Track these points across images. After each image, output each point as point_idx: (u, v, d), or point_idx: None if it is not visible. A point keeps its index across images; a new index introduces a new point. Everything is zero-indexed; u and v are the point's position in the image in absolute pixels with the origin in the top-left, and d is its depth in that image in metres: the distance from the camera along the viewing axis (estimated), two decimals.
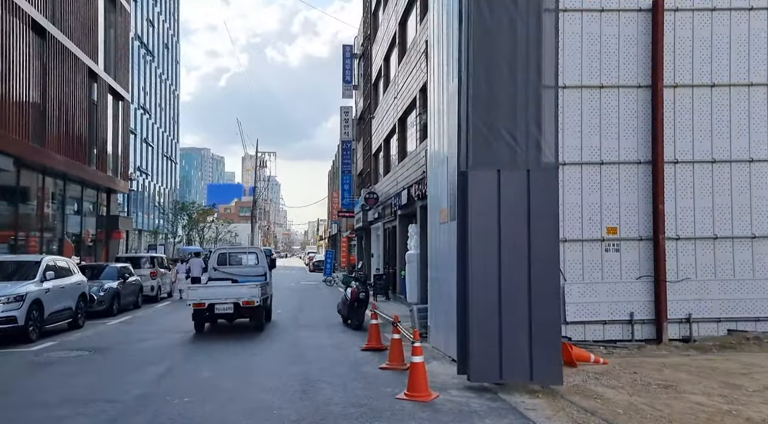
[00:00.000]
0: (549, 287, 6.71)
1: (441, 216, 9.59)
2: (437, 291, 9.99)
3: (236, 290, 12.32)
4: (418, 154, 16.20)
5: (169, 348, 10.31)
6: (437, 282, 9.98)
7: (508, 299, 6.73)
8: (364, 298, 12.83)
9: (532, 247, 6.71)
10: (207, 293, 12.24)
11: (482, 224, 6.83)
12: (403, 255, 18.94)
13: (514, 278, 6.74)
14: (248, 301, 11.87)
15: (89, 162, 22.17)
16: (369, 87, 28.20)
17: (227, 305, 11.92)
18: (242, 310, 12.03)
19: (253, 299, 11.91)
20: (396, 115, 20.03)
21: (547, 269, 6.71)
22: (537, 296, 6.68)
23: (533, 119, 6.83)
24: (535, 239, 6.72)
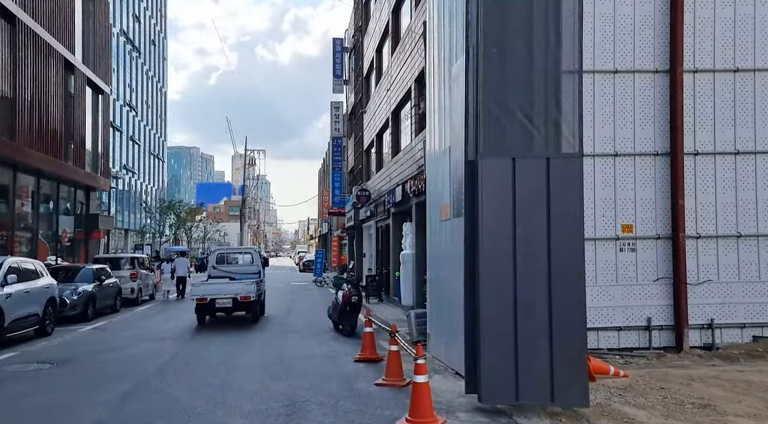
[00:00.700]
0: (573, 292, 5.81)
1: (442, 213, 8.68)
2: (438, 295, 9.08)
3: (234, 287, 13.66)
4: (413, 148, 15.28)
5: (142, 359, 9.31)
6: (438, 284, 9.07)
7: (525, 306, 5.82)
8: (356, 302, 11.90)
9: (552, 246, 5.81)
10: (209, 289, 13.67)
11: (494, 220, 5.91)
12: (397, 255, 18.00)
13: (532, 282, 5.83)
14: (245, 296, 13.32)
15: (66, 158, 21.04)
16: (360, 81, 27.23)
17: (227, 299, 13.36)
18: (240, 304, 13.44)
19: (250, 295, 13.36)
20: (389, 109, 19.09)
21: (570, 270, 5.81)
22: (559, 302, 5.77)
23: (553, 99, 5.92)
24: (556, 236, 5.81)
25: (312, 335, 11.82)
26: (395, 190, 17.00)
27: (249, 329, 12.95)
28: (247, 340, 11.31)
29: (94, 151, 24.50)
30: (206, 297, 13.29)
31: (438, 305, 9.00)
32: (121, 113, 57.96)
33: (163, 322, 14.57)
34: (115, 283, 17.48)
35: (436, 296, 9.12)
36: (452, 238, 8.10)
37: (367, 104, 25.44)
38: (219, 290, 13.57)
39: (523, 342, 5.79)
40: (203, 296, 13.35)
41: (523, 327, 5.80)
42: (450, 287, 8.13)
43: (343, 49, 32.96)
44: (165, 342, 11.08)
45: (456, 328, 7.63)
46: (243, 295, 13.31)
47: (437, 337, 8.99)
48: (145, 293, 20.74)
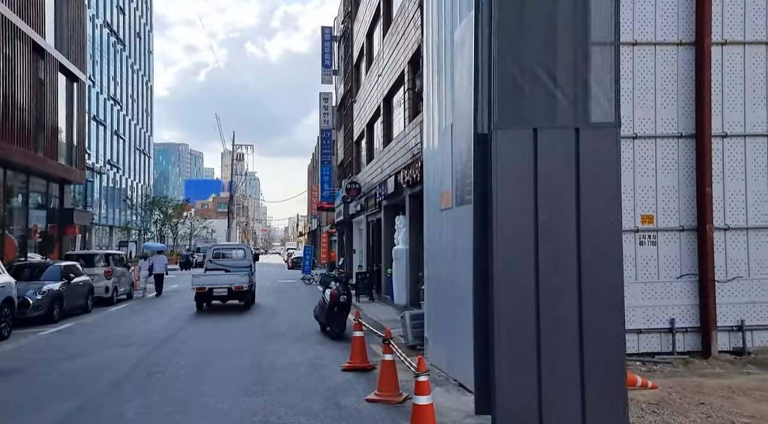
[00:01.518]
0: (608, 293, 4.76)
1: (442, 201, 7.61)
2: (437, 294, 8.01)
3: (229, 278, 15.83)
4: (407, 136, 14.19)
5: (100, 369, 8.17)
6: (437, 283, 8.00)
7: (550, 311, 4.76)
8: (345, 301, 10.81)
9: (583, 237, 4.75)
10: (207, 280, 15.87)
11: (512, 205, 4.84)
12: (390, 251, 16.95)
13: (558, 281, 4.78)
14: (239, 286, 15.46)
15: (36, 148, 19.72)
16: (350, 69, 26.08)
17: (223, 289, 15.49)
18: (234, 293, 15.54)
19: (243, 285, 15.53)
20: (381, 95, 17.98)
21: (604, 267, 4.76)
22: (591, 305, 4.73)
23: (582, 55, 4.85)
24: (587, 225, 4.76)
25: (296, 339, 10.72)
26: (387, 181, 15.91)
27: (226, 332, 11.83)
28: (223, 345, 10.18)
29: (69, 142, 23.16)
30: (205, 287, 15.49)
31: (437, 306, 7.94)
32: (104, 107, 56.35)
33: (135, 324, 13.40)
34: (87, 281, 16.26)
35: (436, 295, 8.06)
36: (455, 229, 7.04)
37: (357, 93, 24.30)
38: (216, 280, 15.79)
39: (548, 354, 4.73)
40: (203, 285, 15.51)
41: (548, 335, 4.74)
42: (452, 286, 7.07)
43: (332, 38, 31.79)
44: (131, 348, 9.93)
45: (460, 333, 6.57)
46: (237, 285, 15.53)
47: (437, 342, 7.92)
48: (122, 292, 19.53)
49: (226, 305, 16.57)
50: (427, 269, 8.76)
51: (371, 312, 14.99)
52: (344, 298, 10.78)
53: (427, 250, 8.63)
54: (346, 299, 10.82)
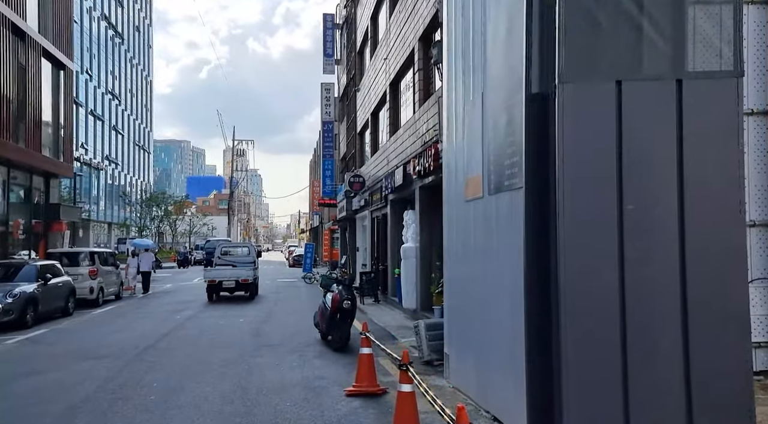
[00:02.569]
0: (726, 309, 3.37)
1: (468, 190, 6.22)
2: (461, 300, 6.63)
3: (236, 272, 17.90)
4: (417, 121, 12.79)
5: (56, 392, 6.81)
6: (461, 287, 6.62)
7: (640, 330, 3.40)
8: (349, 308, 9.43)
9: (687, 226, 3.37)
10: (217, 273, 17.87)
11: (584, 189, 3.47)
12: (397, 249, 15.57)
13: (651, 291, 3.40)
14: (245, 279, 17.58)
15: (16, 139, 18.38)
16: (353, 56, 24.67)
17: (231, 281, 17.59)
18: (240, 285, 17.63)
19: (248, 278, 17.67)
20: (387, 80, 16.58)
21: (720, 272, 3.37)
22: (699, 324, 3.35)
23: None
24: (695, 209, 3.37)
25: (292, 351, 9.34)
26: (394, 173, 14.52)
27: (213, 340, 10.47)
28: (208, 357, 8.81)
29: (55, 134, 21.82)
30: (215, 280, 17.56)
31: (462, 316, 6.56)
32: (103, 101, 55.05)
33: (115, 330, 12.05)
34: (66, 282, 14.91)
35: (459, 302, 6.67)
36: (487, 223, 5.66)
37: (360, 81, 22.89)
38: (224, 274, 17.85)
39: (639, 390, 3.35)
40: (213, 278, 17.60)
41: (638, 364, 3.37)
42: (483, 292, 5.70)
43: (334, 25, 30.35)
44: (103, 362, 8.57)
45: (497, 353, 5.20)
46: (243, 278, 17.61)
47: (462, 360, 6.54)
48: (110, 293, 18.20)
49: (222, 306, 15.27)
50: (446, 271, 7.38)
51: (377, 317, 13.62)
52: (348, 303, 9.40)
53: (447, 248, 7.25)
54: (350, 305, 9.44)
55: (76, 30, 48.40)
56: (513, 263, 5.01)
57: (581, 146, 3.43)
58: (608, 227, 3.39)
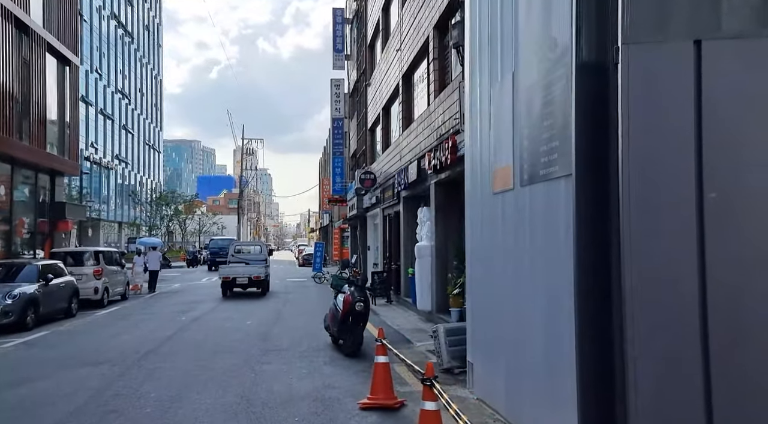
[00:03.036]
0: None
1: (496, 182, 5.58)
2: (487, 303, 6.00)
3: (249, 269, 18.86)
4: (432, 113, 12.17)
5: (41, 406, 6.26)
6: (487, 288, 5.99)
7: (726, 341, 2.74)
8: (362, 310, 8.83)
9: None
10: (231, 271, 18.81)
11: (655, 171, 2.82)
12: (410, 247, 14.96)
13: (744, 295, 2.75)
14: (257, 276, 18.62)
15: (20, 136, 17.97)
16: (364, 51, 24.06)
17: (244, 278, 18.51)
18: (253, 281, 18.63)
19: (260, 275, 18.71)
20: (399, 72, 15.96)
21: None
22: None
23: None
24: None
25: (301, 356, 8.75)
26: (408, 168, 13.90)
27: (217, 344, 9.91)
28: (211, 363, 8.25)
29: (60, 131, 21.42)
30: (230, 276, 18.55)
31: (489, 320, 5.93)
32: (112, 100, 54.88)
33: (117, 332, 11.55)
34: (69, 282, 14.46)
35: (486, 305, 6.04)
36: (519, 217, 5.03)
37: (371, 76, 22.28)
38: (238, 271, 18.80)
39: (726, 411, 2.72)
40: (227, 275, 18.61)
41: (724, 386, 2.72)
42: (516, 293, 5.08)
43: (344, 20, 29.76)
44: (99, 368, 8.03)
45: (532, 365, 4.58)
46: (255, 275, 18.65)
47: (488, 371, 5.91)
48: (115, 293, 17.75)
49: (230, 307, 14.78)
50: (470, 270, 6.75)
51: (390, 318, 13.02)
52: (360, 306, 8.80)
53: (470, 246, 6.62)
54: (363, 308, 8.83)
55: (86, 29, 48.27)
56: (550, 260, 4.40)
57: (650, 121, 2.81)
58: (685, 220, 2.77)
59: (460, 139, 9.79)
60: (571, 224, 3.70)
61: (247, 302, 17.41)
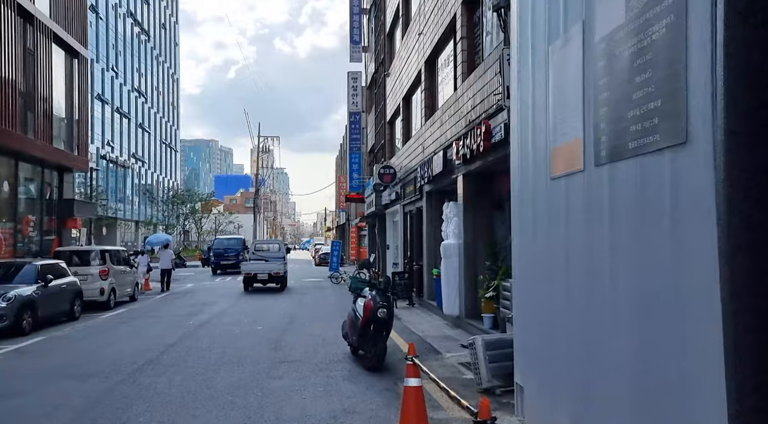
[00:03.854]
0: None
1: (558, 162, 4.44)
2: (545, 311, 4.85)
3: (269, 265, 20.27)
4: (460, 98, 11.05)
5: None
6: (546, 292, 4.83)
7: None
8: (385, 317, 7.76)
9: None
10: (253, 267, 20.28)
11: None
12: (434, 246, 13.89)
13: None
14: (276, 272, 20.03)
15: (25, 129, 17.22)
16: (382, 40, 22.99)
17: (264, 274, 19.93)
18: (273, 277, 20.01)
19: (279, 271, 20.14)
20: (422, 58, 14.86)
21: None
22: None
23: None
24: None
25: (316, 369, 7.71)
26: (432, 160, 12.80)
27: (224, 354, 8.92)
28: (214, 378, 7.25)
29: (69, 126, 20.69)
30: (251, 272, 20.01)
31: (545, 333, 4.80)
32: (129, 99, 54.56)
33: (117, 338, 10.63)
34: (71, 283, 13.62)
35: (543, 315, 4.91)
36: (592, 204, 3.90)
37: (390, 66, 21.20)
38: (259, 267, 20.27)
39: None
40: (249, 271, 20.09)
41: None
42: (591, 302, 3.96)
43: (361, 10, 28.73)
44: (88, 382, 7.08)
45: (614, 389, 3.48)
46: (275, 271, 20.10)
47: (546, 396, 4.78)
48: (123, 294, 16.92)
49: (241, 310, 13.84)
50: (517, 271, 5.62)
51: (413, 323, 11.94)
52: (383, 312, 7.73)
53: (518, 243, 5.48)
54: (386, 314, 7.76)
55: (102, 26, 47.91)
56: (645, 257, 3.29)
57: None
58: None
59: (496, 123, 8.67)
60: (698, 210, 2.61)
61: (259, 303, 16.47)
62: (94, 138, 45.90)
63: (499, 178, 10.29)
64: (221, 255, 30.90)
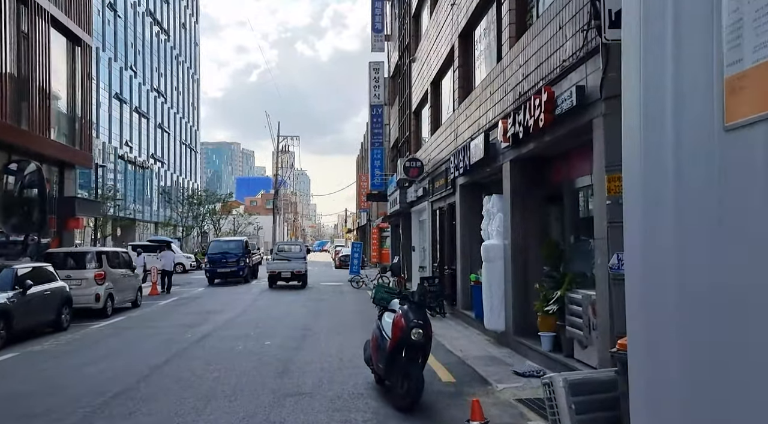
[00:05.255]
0: None
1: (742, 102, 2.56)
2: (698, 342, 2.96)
3: (291, 264, 22.24)
4: (507, 68, 9.14)
5: None
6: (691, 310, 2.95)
7: None
8: (420, 340, 5.89)
9: None
10: (277, 266, 22.32)
11: None
12: (470, 247, 12.01)
13: None
14: (299, 270, 22.11)
15: (18, 120, 15.79)
16: (407, 23, 21.17)
17: (287, 272, 22.03)
18: (295, 275, 22.05)
19: (301, 270, 22.19)
20: (455, 32, 12.99)
21: None
22: None
23: None
24: None
25: (330, 408, 5.87)
26: (469, 146, 10.90)
27: (219, 380, 7.13)
28: (202, 417, 5.46)
29: (70, 118, 19.28)
30: (276, 271, 21.89)
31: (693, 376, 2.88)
32: (147, 98, 53.62)
33: (97, 357, 8.94)
34: (58, 289, 12.05)
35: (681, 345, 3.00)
36: None
37: (416, 49, 19.36)
38: (282, 266, 22.02)
39: None
40: (273, 270, 21.97)
41: None
42: None
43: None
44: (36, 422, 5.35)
45: None
46: (297, 270, 21.85)
47: None
48: (124, 300, 15.34)
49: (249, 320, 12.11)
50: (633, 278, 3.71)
51: (449, 339, 10.05)
52: (418, 334, 5.86)
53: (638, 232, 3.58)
54: (422, 336, 5.89)
55: (120, 25, 46.96)
56: None
57: None
58: None
59: (561, 89, 6.76)
60: None
61: (272, 311, 14.75)
62: (112, 138, 44.93)
63: (556, 164, 8.37)
64: (218, 261, 24.34)
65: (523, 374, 7.11)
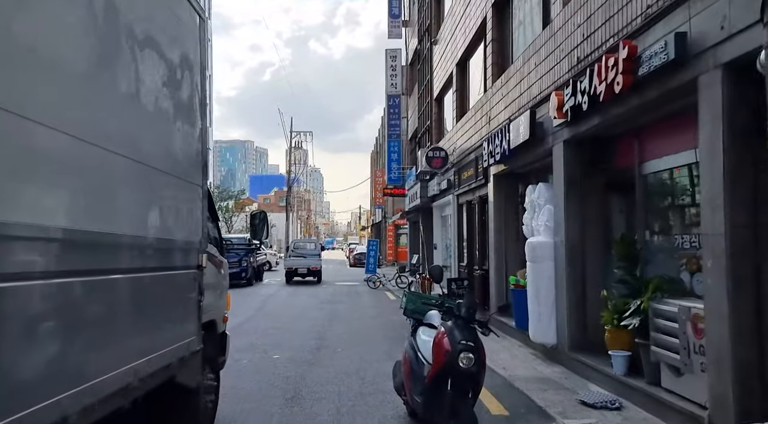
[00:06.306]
0: None
1: None
2: None
3: (307, 261, 23.77)
4: (559, 32, 7.64)
5: None
6: None
7: None
8: (470, 368, 4.43)
9: None
10: (293, 262, 23.78)
11: None
12: (505, 245, 10.57)
13: None
14: (314, 267, 23.67)
15: None
16: (428, 3, 19.67)
17: (303, 268, 23.53)
18: (311, 271, 23.63)
19: (316, 266, 23.78)
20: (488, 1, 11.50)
21: None
22: None
23: None
24: None
25: None
26: (508, 129, 9.41)
27: None
28: None
29: None
30: (292, 267, 23.47)
31: None
32: None
33: None
34: None
35: None
36: None
37: (438, 31, 17.88)
38: (298, 263, 23.53)
39: None
40: (290, 266, 23.56)
41: None
42: None
43: None
44: None
45: None
46: (312, 266, 23.48)
47: None
48: None
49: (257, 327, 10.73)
50: None
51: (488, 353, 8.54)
52: (469, 359, 4.41)
53: None
54: (473, 364, 4.43)
55: None
56: None
57: None
58: None
59: (646, 43, 5.27)
60: None
61: (284, 315, 13.40)
62: None
63: (623, 144, 6.87)
64: None
65: (594, 406, 5.64)
